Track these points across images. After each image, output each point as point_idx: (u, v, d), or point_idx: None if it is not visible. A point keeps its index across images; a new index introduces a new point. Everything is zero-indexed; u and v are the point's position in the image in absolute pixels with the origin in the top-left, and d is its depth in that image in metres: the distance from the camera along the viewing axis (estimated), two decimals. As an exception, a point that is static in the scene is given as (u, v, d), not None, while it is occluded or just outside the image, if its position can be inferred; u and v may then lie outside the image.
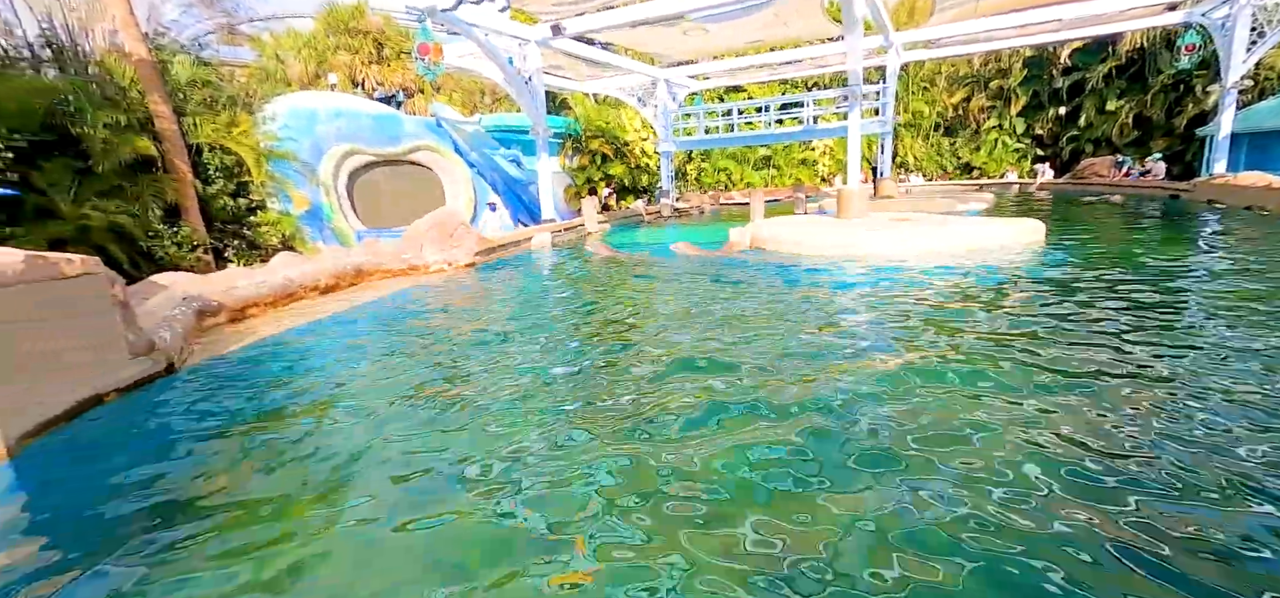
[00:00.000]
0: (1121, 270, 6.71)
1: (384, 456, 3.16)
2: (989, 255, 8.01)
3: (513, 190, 20.37)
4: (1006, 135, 26.77)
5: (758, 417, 3.32)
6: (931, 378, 3.73)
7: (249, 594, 2.15)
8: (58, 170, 7.62)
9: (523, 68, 14.05)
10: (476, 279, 8.97)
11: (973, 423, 3.08)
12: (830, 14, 16.28)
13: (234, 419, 3.76)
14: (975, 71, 27.24)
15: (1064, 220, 12.44)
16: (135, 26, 8.29)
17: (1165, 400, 3.27)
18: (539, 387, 4.12)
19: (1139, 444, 2.80)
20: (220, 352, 5.30)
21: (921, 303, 5.70)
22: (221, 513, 2.67)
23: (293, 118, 14.75)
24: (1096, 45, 22.71)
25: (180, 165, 8.71)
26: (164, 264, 8.17)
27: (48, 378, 3.67)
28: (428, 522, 2.52)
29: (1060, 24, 17.74)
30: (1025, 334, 4.51)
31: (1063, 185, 22.17)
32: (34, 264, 3.60)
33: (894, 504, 2.40)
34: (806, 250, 9.27)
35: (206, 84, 10.03)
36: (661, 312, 6.36)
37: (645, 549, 2.25)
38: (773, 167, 28.72)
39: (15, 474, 3.17)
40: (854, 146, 13.53)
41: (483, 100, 27.84)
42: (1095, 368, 3.76)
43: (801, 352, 4.45)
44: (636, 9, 12.69)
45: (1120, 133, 22.88)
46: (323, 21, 25.87)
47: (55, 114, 7.77)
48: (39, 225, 7.26)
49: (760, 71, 22.91)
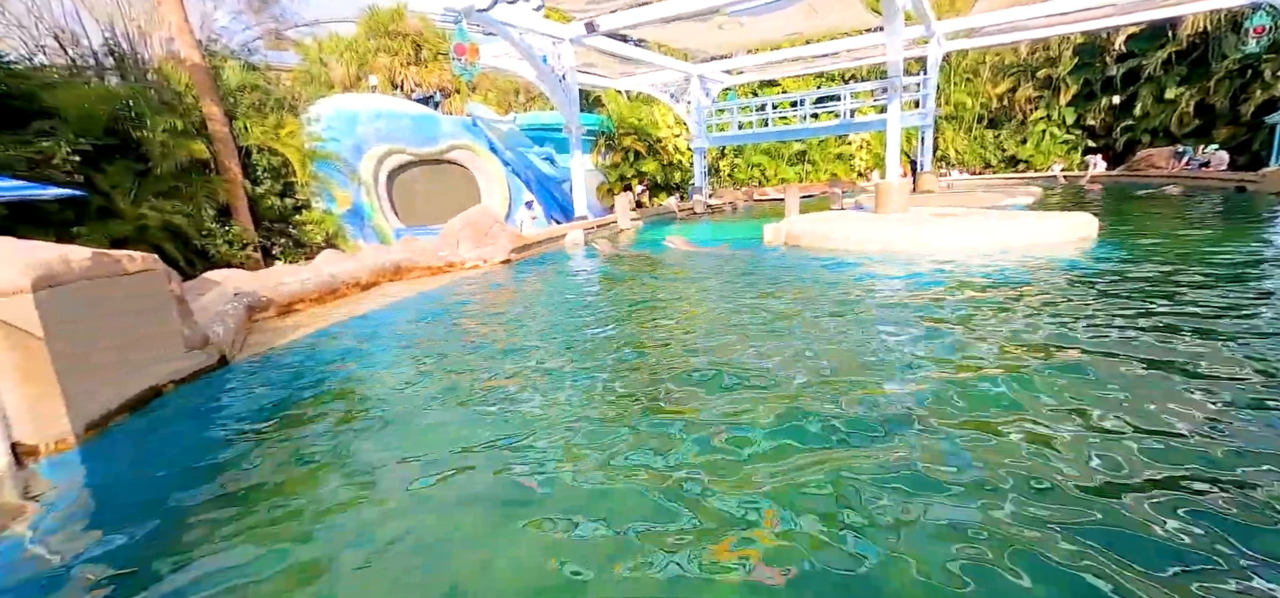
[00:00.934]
0: (1183, 268, 6.35)
1: (424, 446, 3.22)
2: (1038, 252, 7.70)
3: (546, 188, 20.58)
4: (1055, 126, 25.75)
5: (807, 436, 3.26)
6: (989, 394, 3.48)
7: (297, 576, 2.22)
8: (119, 172, 8.03)
9: (557, 66, 14.15)
10: (511, 276, 9.08)
11: (1037, 439, 2.94)
12: (869, 4, 15.92)
13: (284, 411, 3.88)
14: (1022, 61, 26.27)
15: (1117, 215, 11.89)
16: (190, 34, 8.66)
17: (1248, 416, 3.04)
18: (574, 385, 4.13)
19: (1217, 473, 2.64)
20: (269, 346, 5.48)
21: (969, 303, 5.50)
22: (275, 500, 2.76)
23: (336, 119, 15.21)
24: (1154, 30, 21.61)
25: (231, 167, 9.06)
26: (216, 262, 8.53)
27: (111, 371, 3.85)
28: (460, 505, 2.56)
29: (1115, 8, 16.91)
30: (1083, 341, 4.27)
31: (1116, 177, 21.21)
32: (99, 261, 3.79)
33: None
34: (844, 246, 9.08)
35: (255, 88, 10.41)
36: (696, 310, 6.32)
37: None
38: (808, 162, 28.30)
39: (81, 462, 3.34)
40: (893, 140, 13.21)
41: (517, 99, 28.18)
42: (1167, 382, 3.55)
43: (847, 357, 4.35)
44: (671, 4, 12.63)
45: (1180, 122, 21.75)
46: (364, 25, 26.57)
47: (117, 119, 8.18)
48: (101, 224, 7.66)
49: (795, 65, 22.56)
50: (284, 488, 2.89)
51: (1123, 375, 3.55)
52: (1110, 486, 2.43)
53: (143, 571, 2.34)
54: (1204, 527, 2.14)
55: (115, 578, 2.32)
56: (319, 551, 2.39)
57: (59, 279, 3.47)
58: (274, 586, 2.20)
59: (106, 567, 2.38)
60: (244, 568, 2.30)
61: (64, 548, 2.56)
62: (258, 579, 2.24)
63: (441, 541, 2.42)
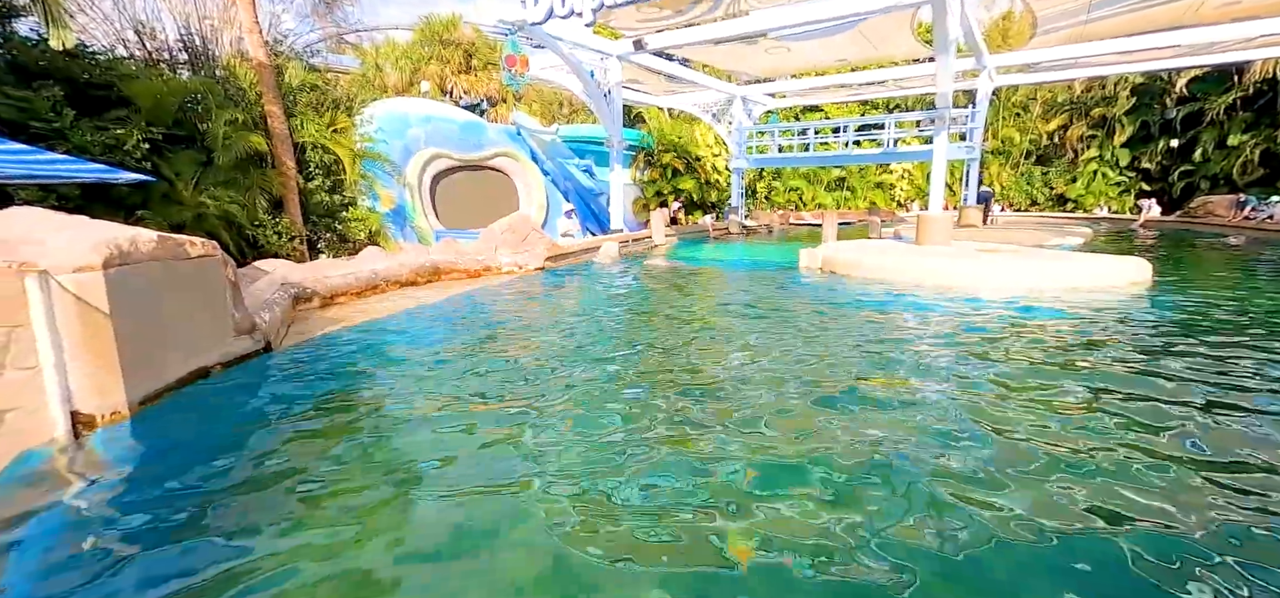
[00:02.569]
0: (1245, 323, 6.04)
1: (456, 444, 3.27)
2: (1088, 295, 7.43)
3: (583, 200, 20.82)
4: (1107, 167, 24.91)
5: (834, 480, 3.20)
6: (1047, 455, 3.27)
7: (323, 559, 2.28)
8: (183, 161, 8.44)
9: (603, 81, 14.37)
10: (546, 283, 9.19)
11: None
12: (920, 35, 15.76)
13: (322, 401, 4.00)
14: (1076, 98, 25.55)
15: (1173, 261, 11.40)
16: (259, 33, 9.08)
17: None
18: (610, 398, 4.15)
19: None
20: (311, 336, 5.66)
21: (1022, 346, 5.31)
22: (307, 486, 2.85)
23: (387, 121, 15.69)
24: (1219, 74, 20.80)
25: (287, 161, 9.43)
26: (265, 251, 8.86)
27: (166, 349, 4.04)
28: (477, 503, 2.59)
29: (1178, 51, 16.37)
30: (1137, 396, 4.08)
31: (1170, 223, 20.37)
32: (164, 244, 3.98)
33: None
34: (881, 276, 8.93)
35: (314, 88, 10.84)
36: (728, 330, 6.28)
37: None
38: (846, 188, 27.98)
39: (132, 434, 3.49)
40: (938, 171, 12.98)
41: (561, 111, 28.66)
42: (1233, 449, 3.38)
43: (883, 402, 4.26)
44: (720, 26, 12.73)
45: (1243, 171, 20.80)
46: (419, 32, 27.46)
47: (185, 111, 8.62)
48: (163, 208, 8.05)
49: (839, 92, 22.42)
50: (317, 475, 2.97)
51: (1172, 445, 3.38)
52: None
53: (184, 539, 2.45)
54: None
55: (157, 543, 2.43)
56: (347, 536, 2.45)
57: (128, 259, 3.65)
58: (299, 565, 2.26)
59: (151, 531, 2.49)
60: (273, 544, 2.40)
61: (112, 512, 2.68)
62: (280, 555, 2.32)
63: (459, 545, 2.45)
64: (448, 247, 9.74)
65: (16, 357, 3.30)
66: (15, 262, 3.25)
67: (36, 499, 2.76)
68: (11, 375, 3.33)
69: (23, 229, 3.58)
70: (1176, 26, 14.89)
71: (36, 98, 7.12)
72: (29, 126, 6.93)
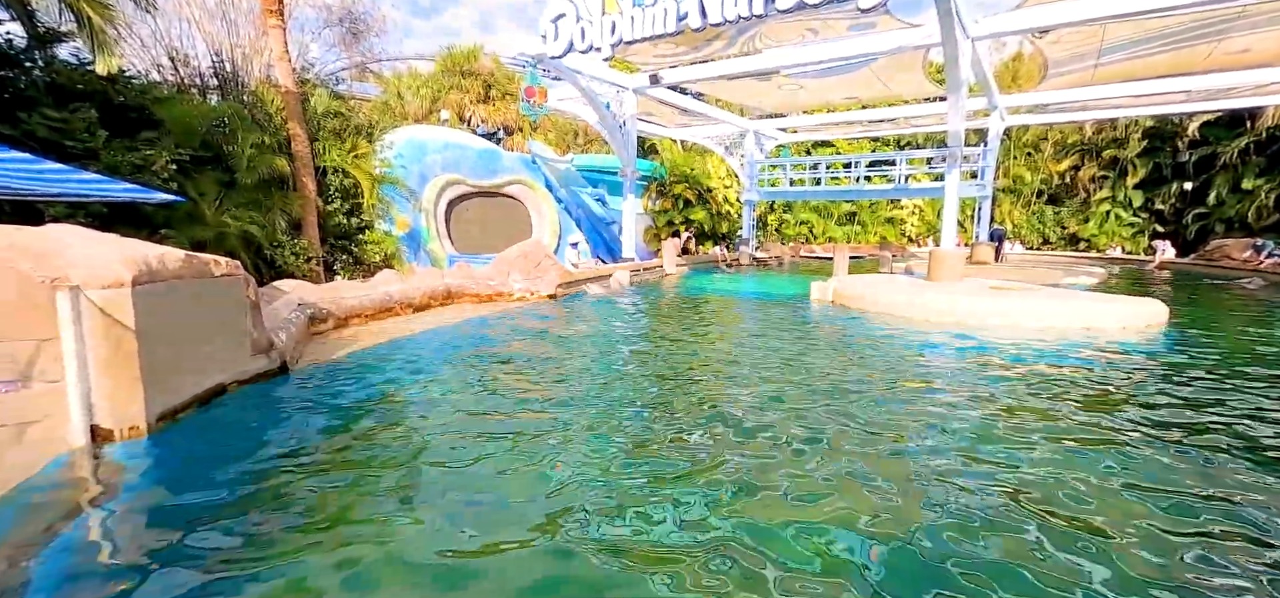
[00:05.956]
0: (1265, 367, 5.96)
1: (468, 470, 3.29)
2: (1102, 336, 7.36)
3: (595, 228, 21.01)
4: (1120, 207, 24.82)
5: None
6: (1060, 503, 3.27)
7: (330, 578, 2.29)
8: (208, 181, 8.66)
9: (619, 113, 14.63)
10: (556, 310, 9.25)
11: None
12: (931, 74, 15.96)
13: (335, 423, 4.04)
14: (1087, 139, 25.60)
15: (1190, 304, 11.28)
16: (288, 62, 9.38)
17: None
18: (619, 430, 4.17)
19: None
20: (326, 357, 5.73)
21: (1034, 386, 5.28)
22: (315, 507, 2.87)
23: (407, 148, 16.02)
24: (1232, 119, 20.81)
25: (307, 184, 9.65)
26: (282, 271, 9.02)
27: (186, 366, 4.11)
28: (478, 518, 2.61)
29: (1188, 96, 16.41)
30: (1134, 440, 4.06)
31: (1186, 265, 20.18)
32: (191, 262, 4.09)
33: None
34: (892, 311, 8.91)
35: (338, 114, 11.13)
36: (735, 362, 6.28)
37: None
38: (857, 222, 28.02)
39: (149, 449, 3.54)
40: (950, 208, 12.99)
41: (576, 141, 29.12)
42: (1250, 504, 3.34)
43: (894, 428, 4.25)
44: (734, 63, 12.97)
45: (1258, 215, 20.66)
46: (440, 63, 28.17)
47: (212, 134, 8.87)
48: (186, 227, 8.23)
49: (851, 128, 22.63)
50: (327, 496, 3.00)
51: (1184, 493, 3.34)
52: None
53: (197, 552, 2.48)
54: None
55: (171, 555, 2.46)
56: (358, 555, 2.46)
57: (156, 276, 3.75)
58: (306, 583, 2.28)
59: (164, 544, 2.52)
60: (282, 565, 2.42)
61: (128, 525, 2.72)
62: (289, 576, 2.35)
63: (469, 571, 2.46)
64: (462, 271, 9.86)
65: (44, 369, 3.38)
66: (48, 276, 3.35)
67: (57, 511, 2.81)
68: (38, 388, 3.41)
69: (56, 244, 3.69)
70: (1187, 73, 14.97)
71: (73, 118, 7.37)
72: (64, 145, 7.16)
